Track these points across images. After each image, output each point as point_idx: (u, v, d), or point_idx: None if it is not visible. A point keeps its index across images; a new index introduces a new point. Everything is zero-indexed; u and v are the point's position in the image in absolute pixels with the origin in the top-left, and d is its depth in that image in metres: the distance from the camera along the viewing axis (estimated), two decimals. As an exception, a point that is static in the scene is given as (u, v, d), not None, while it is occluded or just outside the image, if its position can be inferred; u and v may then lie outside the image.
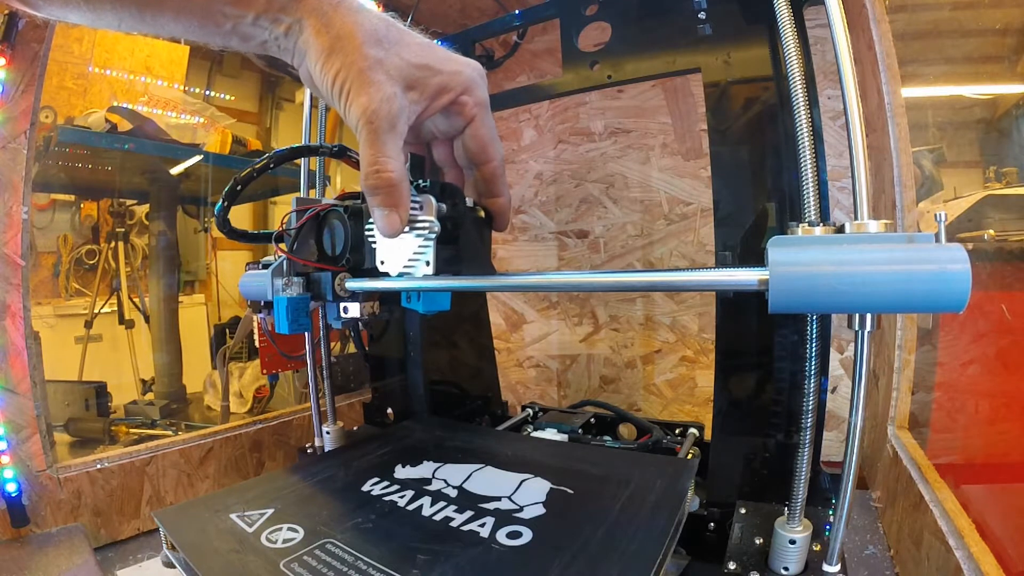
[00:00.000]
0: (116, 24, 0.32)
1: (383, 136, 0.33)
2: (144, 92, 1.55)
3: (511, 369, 1.17)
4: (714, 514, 0.46)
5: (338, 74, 0.32)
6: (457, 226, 0.39)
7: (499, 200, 0.42)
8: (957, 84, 0.93)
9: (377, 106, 0.32)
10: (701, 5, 0.47)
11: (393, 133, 0.33)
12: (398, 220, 0.35)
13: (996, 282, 0.72)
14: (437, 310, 0.44)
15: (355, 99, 0.32)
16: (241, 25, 0.32)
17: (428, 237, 0.38)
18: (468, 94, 0.37)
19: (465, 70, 0.37)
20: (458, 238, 0.39)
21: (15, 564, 0.56)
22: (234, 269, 1.98)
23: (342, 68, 0.32)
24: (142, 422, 1.26)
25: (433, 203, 0.37)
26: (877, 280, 0.25)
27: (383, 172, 0.33)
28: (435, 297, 0.43)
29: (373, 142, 0.33)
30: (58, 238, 1.73)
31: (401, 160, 0.34)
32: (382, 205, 0.34)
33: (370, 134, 0.33)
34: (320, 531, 0.39)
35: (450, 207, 0.38)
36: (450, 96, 0.37)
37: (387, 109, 0.32)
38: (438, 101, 0.36)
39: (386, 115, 0.32)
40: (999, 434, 0.66)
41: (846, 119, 0.30)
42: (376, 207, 0.34)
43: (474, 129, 0.39)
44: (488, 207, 0.42)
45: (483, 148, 0.40)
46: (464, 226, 0.40)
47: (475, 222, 0.41)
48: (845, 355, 0.86)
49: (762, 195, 0.45)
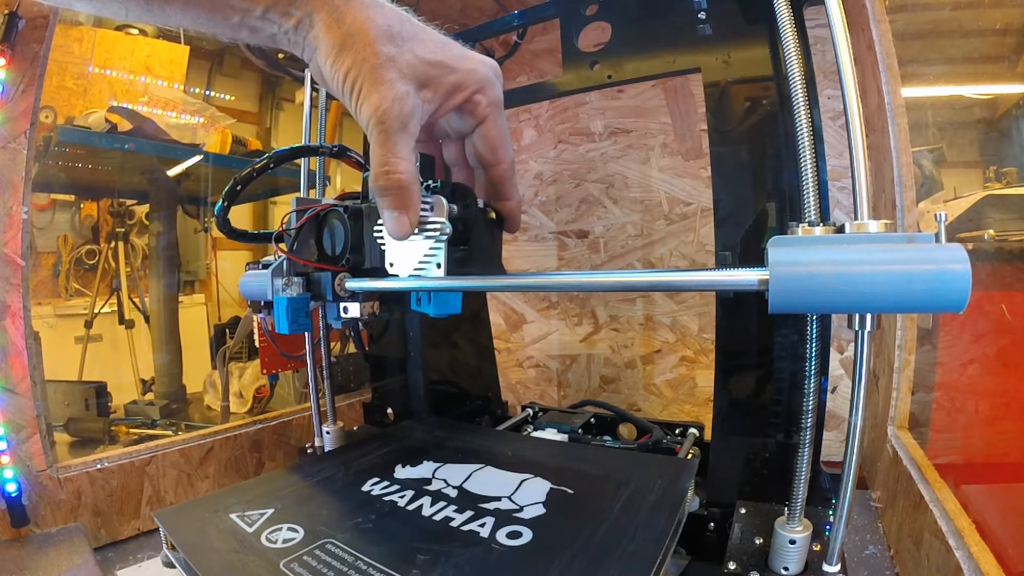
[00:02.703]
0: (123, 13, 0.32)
1: (394, 136, 0.32)
2: (144, 92, 1.54)
3: (511, 369, 1.17)
4: (714, 514, 0.46)
5: (349, 71, 0.31)
6: (469, 228, 0.38)
7: (509, 203, 0.41)
8: (957, 84, 0.93)
9: (389, 105, 0.31)
10: (701, 5, 0.47)
11: (404, 133, 0.32)
12: (408, 222, 0.34)
13: (996, 282, 0.72)
14: (449, 313, 0.43)
15: (366, 98, 0.31)
16: (249, 18, 0.31)
17: (439, 239, 0.37)
18: (482, 93, 0.36)
19: (480, 68, 0.36)
20: (469, 240, 0.39)
21: (15, 564, 0.56)
22: (234, 269, 1.98)
23: (353, 65, 0.31)
24: (142, 422, 1.26)
25: (444, 204, 0.36)
26: (877, 280, 0.25)
27: (393, 173, 0.32)
28: (446, 300, 0.42)
29: (384, 142, 0.32)
30: (58, 238, 1.74)
31: (412, 161, 0.33)
32: (392, 207, 0.33)
33: (381, 134, 0.32)
34: (320, 531, 0.39)
35: (461, 208, 0.38)
36: (464, 95, 0.36)
37: (399, 109, 0.32)
38: (452, 100, 0.35)
39: (398, 115, 0.32)
40: (999, 434, 0.66)
41: (846, 119, 0.30)
42: (386, 209, 0.34)
43: (486, 129, 0.38)
44: (498, 210, 0.41)
45: (494, 149, 0.39)
46: (476, 228, 0.39)
47: (487, 224, 0.40)
48: (845, 355, 0.86)
49: (762, 195, 0.45)
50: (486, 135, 0.38)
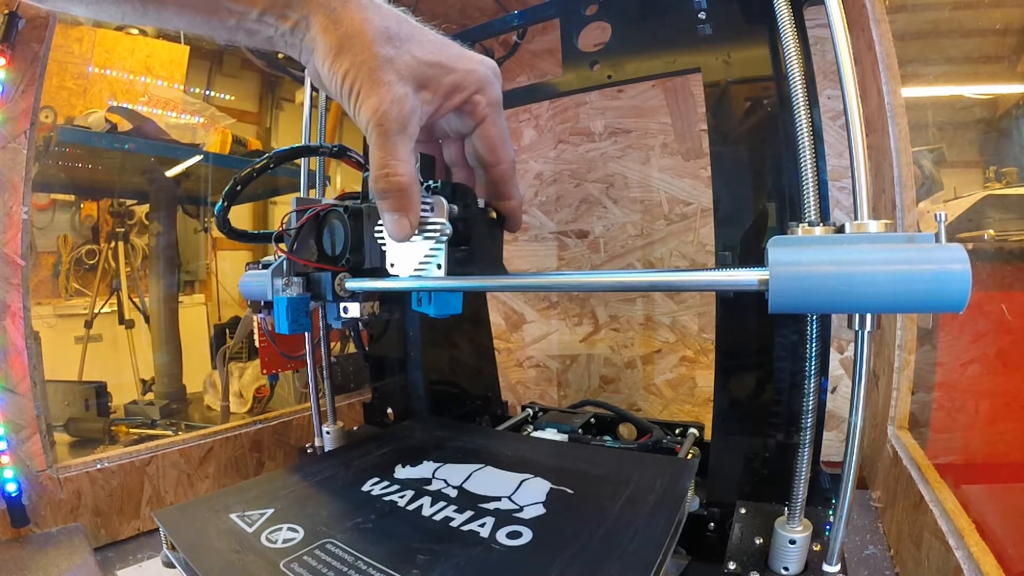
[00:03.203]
0: (119, 16, 0.31)
1: (393, 138, 0.32)
2: (144, 92, 1.54)
3: (511, 369, 1.17)
4: (714, 514, 0.46)
5: (347, 74, 0.31)
6: (469, 228, 0.38)
7: (510, 203, 0.41)
8: (957, 84, 0.93)
9: (388, 107, 0.31)
10: (701, 5, 0.47)
11: (404, 135, 0.32)
12: (408, 224, 0.34)
13: (996, 282, 0.72)
14: (449, 313, 0.42)
15: (365, 100, 0.31)
16: (245, 21, 0.31)
17: (440, 240, 0.37)
18: (481, 93, 0.36)
19: (479, 68, 0.36)
20: (470, 240, 0.38)
21: (15, 564, 0.56)
22: (234, 269, 1.98)
23: (351, 68, 0.31)
24: (142, 422, 1.26)
25: (445, 205, 0.36)
26: (877, 280, 0.25)
27: (393, 176, 0.32)
28: (447, 300, 0.42)
29: (383, 144, 0.32)
30: (58, 238, 1.74)
31: (412, 163, 0.33)
32: (392, 209, 0.33)
33: (380, 136, 0.32)
34: (320, 531, 0.39)
35: (462, 208, 0.38)
36: (463, 95, 0.35)
37: (398, 111, 0.32)
38: (451, 100, 0.35)
39: (397, 116, 0.32)
40: (999, 434, 0.66)
41: (846, 119, 0.30)
42: (386, 211, 0.34)
43: (485, 129, 0.38)
44: (498, 209, 0.41)
45: (494, 149, 0.38)
46: (476, 228, 0.39)
47: (487, 224, 0.40)
48: (845, 355, 0.86)
49: (762, 195, 0.45)
50: (486, 135, 0.38)
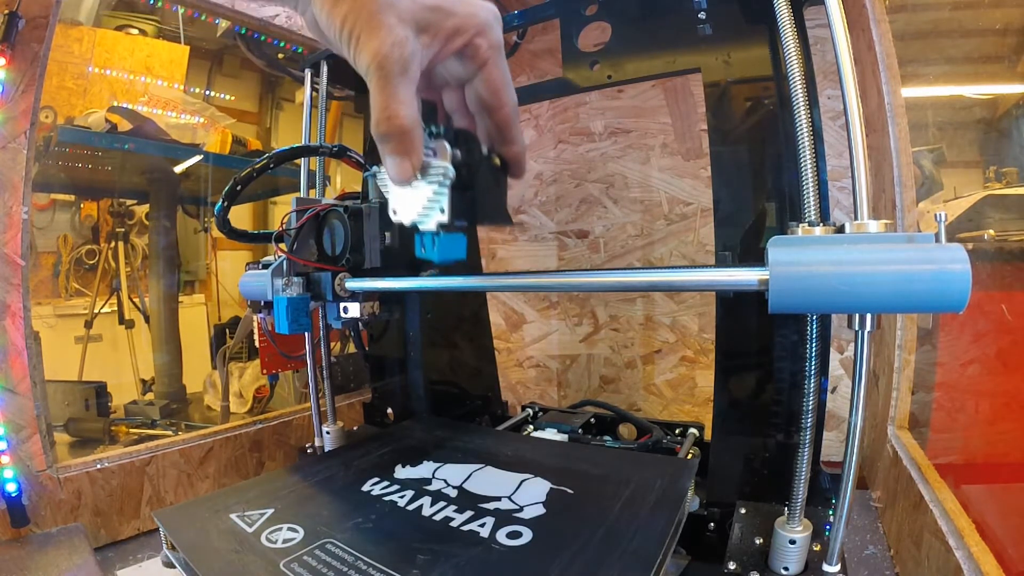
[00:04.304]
0: None
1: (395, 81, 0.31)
2: (144, 92, 1.54)
3: (511, 369, 1.17)
4: (714, 514, 0.46)
5: (346, 18, 0.31)
6: (472, 173, 0.38)
7: (513, 147, 0.40)
8: (957, 84, 0.93)
9: (388, 50, 0.31)
10: (701, 5, 0.47)
11: (405, 78, 0.32)
12: (410, 167, 0.33)
13: (996, 282, 0.72)
14: (453, 259, 0.41)
15: (365, 44, 0.31)
16: None
17: (443, 184, 0.37)
18: (482, 36, 0.36)
19: (480, 12, 0.35)
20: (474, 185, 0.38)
21: (15, 564, 0.56)
22: (234, 269, 1.98)
23: (350, 12, 0.31)
24: (142, 422, 1.26)
25: (447, 149, 0.36)
26: (877, 280, 0.25)
27: (395, 118, 0.32)
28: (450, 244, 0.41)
29: (384, 87, 0.31)
30: (58, 238, 1.73)
31: (414, 106, 0.33)
32: (394, 152, 0.33)
33: (381, 79, 0.31)
34: (320, 531, 0.39)
35: (465, 153, 0.37)
36: (464, 38, 0.35)
37: (399, 53, 0.31)
38: (451, 44, 0.35)
39: (398, 59, 0.31)
40: (999, 434, 0.66)
41: (846, 119, 0.30)
42: (388, 155, 0.33)
43: (487, 72, 0.37)
44: (502, 155, 0.40)
45: (496, 92, 0.38)
46: (480, 173, 0.38)
47: (491, 169, 0.40)
48: (845, 355, 0.86)
49: (762, 195, 0.45)
50: (488, 78, 0.37)
